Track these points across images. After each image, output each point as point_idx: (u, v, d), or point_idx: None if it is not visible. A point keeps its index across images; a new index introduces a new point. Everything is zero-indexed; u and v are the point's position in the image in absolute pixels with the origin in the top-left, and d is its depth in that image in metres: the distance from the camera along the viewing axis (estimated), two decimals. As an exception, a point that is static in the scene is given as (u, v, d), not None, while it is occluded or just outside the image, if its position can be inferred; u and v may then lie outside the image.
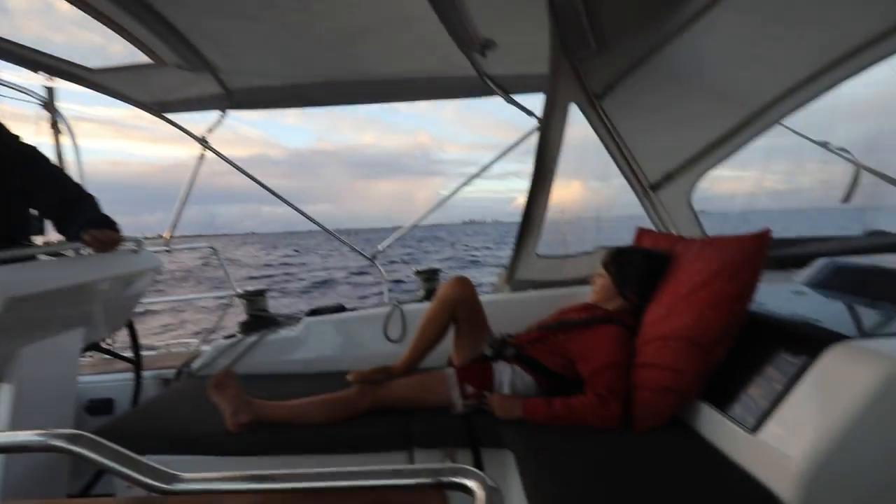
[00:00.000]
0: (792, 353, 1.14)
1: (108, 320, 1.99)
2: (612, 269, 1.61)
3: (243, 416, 1.49)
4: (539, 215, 2.11)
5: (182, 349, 3.09)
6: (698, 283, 1.34)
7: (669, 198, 2.28)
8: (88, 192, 1.82)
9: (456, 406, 1.54)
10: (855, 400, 0.93)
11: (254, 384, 1.98)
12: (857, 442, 0.93)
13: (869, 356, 0.98)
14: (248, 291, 2.57)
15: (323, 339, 2.22)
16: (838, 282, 1.63)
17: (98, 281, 1.74)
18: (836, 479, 0.94)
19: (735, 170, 2.48)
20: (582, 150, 2.21)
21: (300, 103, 2.70)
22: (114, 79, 2.21)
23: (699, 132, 2.22)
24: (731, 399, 1.23)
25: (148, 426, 1.63)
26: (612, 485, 1.08)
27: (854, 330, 1.17)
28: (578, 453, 1.23)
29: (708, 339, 1.28)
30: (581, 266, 2.23)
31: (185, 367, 2.24)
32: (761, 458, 1.07)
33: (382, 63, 2.26)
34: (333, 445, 1.49)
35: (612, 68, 1.98)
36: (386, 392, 1.57)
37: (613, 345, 1.45)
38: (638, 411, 1.35)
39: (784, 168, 2.57)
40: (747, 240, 1.31)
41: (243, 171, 2.94)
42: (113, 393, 2.36)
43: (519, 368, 1.59)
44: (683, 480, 1.08)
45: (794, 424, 1.03)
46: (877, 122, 2.35)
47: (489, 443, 1.44)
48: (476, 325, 1.71)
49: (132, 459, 0.54)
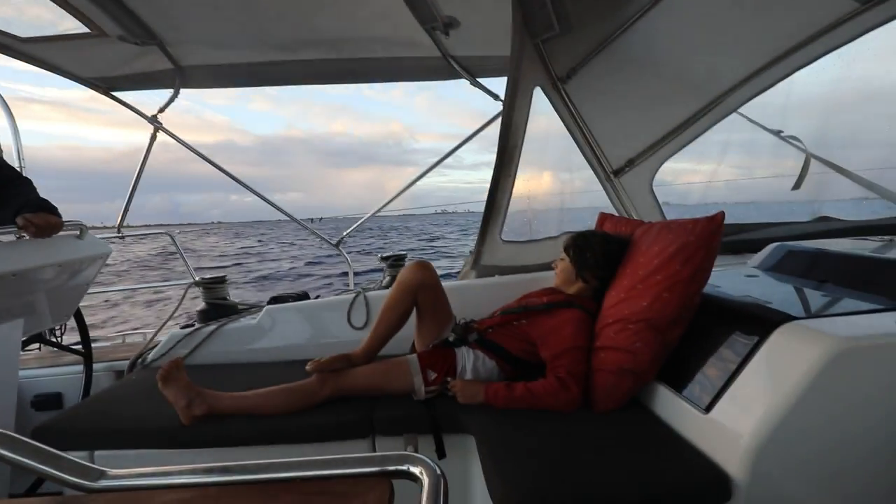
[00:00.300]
0: (743, 334, 1.18)
1: (53, 310, 1.88)
2: (571, 252, 1.62)
3: (197, 408, 1.44)
4: (503, 200, 2.10)
5: (138, 339, 2.97)
6: (655, 266, 1.36)
7: (631, 183, 2.31)
8: (24, 176, 1.70)
9: (418, 393, 1.53)
10: (800, 377, 0.97)
11: (213, 374, 1.92)
12: (801, 417, 0.97)
13: (814, 335, 1.02)
14: (206, 279, 2.47)
15: (285, 328, 2.16)
16: (788, 265, 1.69)
17: (37, 268, 1.63)
18: (781, 453, 0.98)
19: (696, 163, 2.57)
20: (545, 138, 2.21)
21: (258, 82, 2.58)
22: (49, 50, 2.05)
23: (661, 118, 2.26)
24: (686, 380, 1.26)
25: (98, 420, 1.55)
26: (569, 464, 1.10)
27: (802, 311, 1.21)
28: (538, 435, 1.25)
29: (664, 322, 1.31)
30: (546, 251, 2.25)
31: (138, 359, 2.15)
32: (713, 437, 1.10)
33: (342, 40, 2.18)
34: (294, 435, 1.46)
35: (576, 51, 1.97)
36: (348, 380, 1.54)
37: (573, 329, 1.46)
38: (597, 393, 1.37)
39: (742, 161, 2.68)
40: (702, 223, 1.33)
41: (201, 155, 2.81)
42: (62, 387, 2.24)
43: (482, 353, 1.59)
44: (638, 459, 1.11)
45: (743, 403, 1.06)
46: (826, 119, 2.46)
47: (451, 428, 1.44)
48: (439, 310, 1.70)
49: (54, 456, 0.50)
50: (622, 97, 2.21)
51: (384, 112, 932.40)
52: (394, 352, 1.75)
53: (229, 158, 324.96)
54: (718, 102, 2.20)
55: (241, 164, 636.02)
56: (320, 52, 2.28)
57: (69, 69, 2.25)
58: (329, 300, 2.25)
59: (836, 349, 0.96)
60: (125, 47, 2.02)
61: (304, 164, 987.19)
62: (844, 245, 1.77)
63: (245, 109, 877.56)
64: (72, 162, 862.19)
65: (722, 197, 2.72)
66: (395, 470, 0.50)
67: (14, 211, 1.57)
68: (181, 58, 2.21)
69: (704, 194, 2.67)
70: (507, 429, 1.29)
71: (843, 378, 0.97)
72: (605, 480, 1.03)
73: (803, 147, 2.45)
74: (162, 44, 2.05)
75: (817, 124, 2.49)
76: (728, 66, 2.13)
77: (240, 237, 45.47)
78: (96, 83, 2.41)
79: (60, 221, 1.65)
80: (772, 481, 0.99)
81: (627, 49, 1.98)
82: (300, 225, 3.30)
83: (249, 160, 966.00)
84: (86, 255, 1.84)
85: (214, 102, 71.81)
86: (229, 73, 2.42)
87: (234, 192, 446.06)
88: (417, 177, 3.00)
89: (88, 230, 1.88)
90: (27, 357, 2.43)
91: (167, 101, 2.55)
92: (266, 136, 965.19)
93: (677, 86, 2.19)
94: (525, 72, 1.92)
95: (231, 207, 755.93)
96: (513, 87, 1.90)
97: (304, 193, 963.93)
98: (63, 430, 1.50)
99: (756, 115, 2.45)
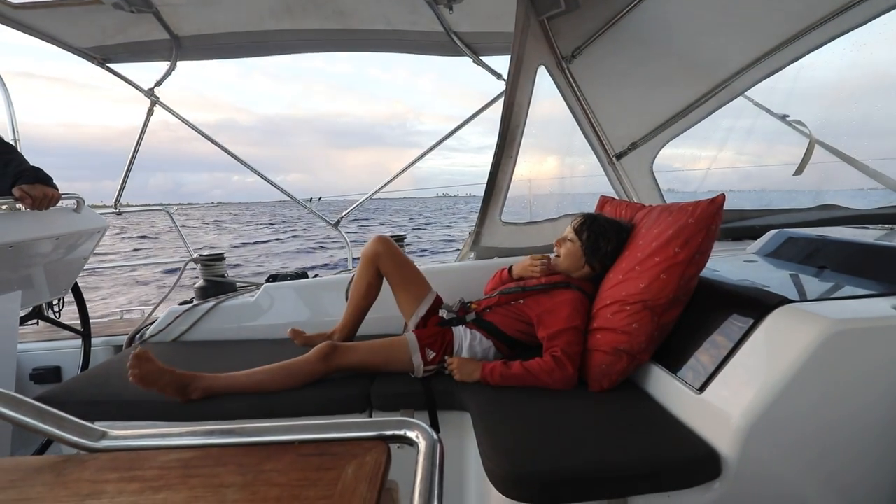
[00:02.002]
0: (739, 316, 1.18)
1: (50, 283, 1.88)
2: (584, 237, 1.57)
3: (193, 393, 1.43)
4: (504, 182, 2.09)
5: (136, 315, 2.98)
6: (654, 248, 1.36)
7: (632, 166, 2.30)
8: (12, 145, 1.68)
9: (417, 371, 1.54)
10: (794, 358, 0.98)
11: (211, 350, 1.94)
12: (793, 398, 0.98)
13: (809, 317, 1.02)
14: (204, 256, 2.47)
15: (283, 306, 2.17)
16: (788, 252, 1.69)
17: (35, 240, 1.62)
18: (772, 432, 1.00)
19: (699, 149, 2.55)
20: (548, 120, 2.19)
21: (257, 52, 2.53)
22: (41, 18, 2.00)
23: (665, 100, 2.23)
24: (681, 361, 1.27)
25: (97, 392, 1.56)
26: (563, 439, 1.11)
27: (798, 295, 1.21)
28: (532, 412, 1.26)
29: (661, 303, 1.31)
30: (545, 233, 2.24)
31: (137, 334, 2.16)
32: (705, 417, 1.11)
33: (345, 11, 2.13)
34: (291, 409, 1.47)
35: (582, 30, 1.94)
36: (346, 358, 1.54)
37: (570, 310, 1.47)
38: (592, 373, 1.39)
39: (745, 148, 2.65)
40: (702, 205, 1.32)
41: (199, 131, 2.78)
42: (61, 360, 2.26)
43: (479, 333, 1.60)
44: (631, 436, 1.12)
45: (737, 383, 1.07)
46: (833, 105, 2.43)
47: (447, 405, 1.46)
48: (409, 279, 1.76)
49: (56, 416, 0.50)
50: (627, 78, 2.17)
51: (389, 92, 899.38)
52: (389, 331, 1.77)
53: (231, 138, 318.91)
54: (725, 85, 2.17)
55: (243, 144, 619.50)
56: (321, 21, 2.23)
57: (62, 38, 2.20)
58: (327, 279, 2.25)
59: (830, 331, 0.97)
60: (120, 15, 1.97)
61: (306, 145, 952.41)
62: (844, 233, 1.77)
63: (247, 88, 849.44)
64: (71, 139, 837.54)
65: (727, 185, 2.70)
66: (392, 434, 0.50)
67: (10, 181, 1.55)
68: (178, 27, 2.16)
69: (704, 181, 2.66)
70: (503, 405, 1.31)
71: (836, 360, 0.98)
72: (599, 455, 1.05)
73: (808, 132, 2.43)
74: (158, 12, 2.00)
75: (824, 110, 2.46)
76: (736, 48, 2.09)
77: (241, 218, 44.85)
78: (91, 53, 2.36)
79: (58, 194, 1.64)
80: (762, 459, 1.01)
81: (634, 29, 1.95)
82: (301, 205, 3.29)
83: (251, 140, 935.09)
84: (83, 228, 1.83)
85: (216, 80, 68.98)
86: (228, 43, 2.37)
87: (237, 172, 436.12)
88: (417, 157, 2.98)
89: (86, 203, 1.86)
90: (26, 331, 2.44)
91: (164, 73, 2.50)
92: (268, 116, 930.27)
93: (684, 67, 2.16)
94: (529, 50, 1.89)
95: (233, 187, 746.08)
96: (516, 66, 1.86)
97: (306, 175, 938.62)
98: (62, 401, 1.51)
99: (762, 99, 2.42)
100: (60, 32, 2.16)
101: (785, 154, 2.61)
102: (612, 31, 1.92)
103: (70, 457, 0.51)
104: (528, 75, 1.95)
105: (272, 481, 0.46)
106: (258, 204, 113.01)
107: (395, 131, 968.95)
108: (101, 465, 0.49)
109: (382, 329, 1.90)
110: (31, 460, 0.51)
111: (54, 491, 0.46)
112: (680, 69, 2.18)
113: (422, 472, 0.44)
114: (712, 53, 2.14)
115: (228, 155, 2.89)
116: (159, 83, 2.52)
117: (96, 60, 2.41)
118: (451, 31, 2.21)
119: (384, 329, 1.90)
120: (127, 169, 2.75)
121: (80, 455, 0.50)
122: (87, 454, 0.50)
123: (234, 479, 0.46)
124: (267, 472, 0.47)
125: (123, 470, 0.48)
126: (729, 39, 2.08)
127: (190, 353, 1.91)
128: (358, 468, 0.47)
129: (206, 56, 2.50)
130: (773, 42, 2.02)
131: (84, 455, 0.50)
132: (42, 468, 0.49)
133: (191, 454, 0.50)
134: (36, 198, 1.56)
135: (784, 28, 1.97)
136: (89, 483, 0.46)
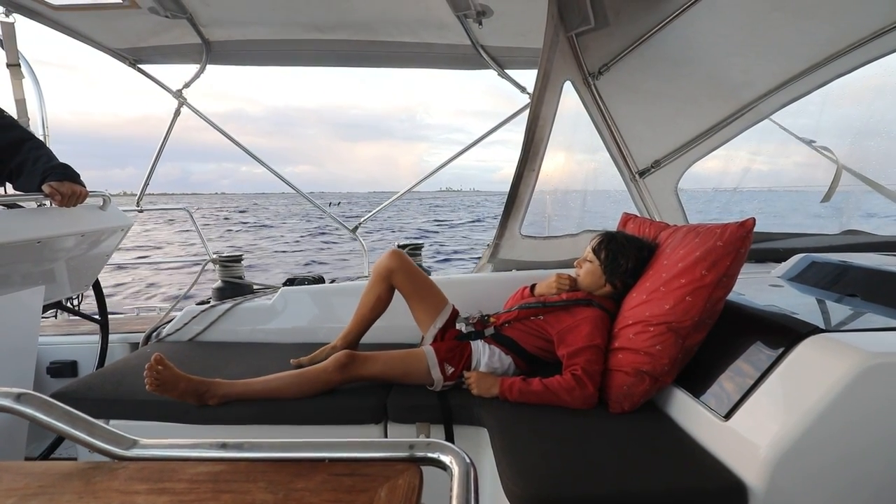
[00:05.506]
0: (767, 344, 1.15)
1: (73, 279, 1.90)
2: (603, 256, 1.56)
3: (210, 399, 1.44)
4: (526, 195, 2.08)
5: (152, 313, 3.00)
6: (680, 269, 1.33)
7: (656, 184, 2.27)
8: (40, 140, 1.71)
9: (437, 385, 1.53)
10: (826, 390, 0.95)
11: (226, 352, 1.94)
12: (825, 432, 0.95)
13: (842, 348, 0.99)
14: (223, 257, 2.49)
15: (299, 310, 2.17)
16: (814, 277, 1.65)
17: (61, 237, 1.65)
18: (801, 464, 0.96)
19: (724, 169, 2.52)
20: (573, 127, 2.18)
21: (285, 62, 2.57)
22: (79, 19, 2.05)
23: (691, 120, 2.21)
24: (705, 386, 1.24)
25: (114, 390, 1.57)
26: (582, 463, 1.09)
27: (828, 323, 1.18)
28: (551, 431, 1.24)
29: (685, 325, 1.28)
30: (565, 248, 2.22)
31: (154, 332, 2.17)
32: (731, 445, 1.08)
33: (373, 23, 2.15)
34: (308, 416, 1.46)
35: (610, 47, 1.93)
36: (364, 369, 1.52)
37: (591, 328, 1.44)
38: (613, 393, 1.36)
39: (765, 149, 2.60)
40: (731, 228, 1.30)
41: (220, 130, 2.81)
42: (77, 355, 2.28)
43: (498, 349, 1.58)
44: (653, 460, 1.10)
45: (765, 412, 1.04)
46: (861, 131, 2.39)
47: (463, 420, 1.44)
48: (424, 293, 1.74)
49: (88, 423, 0.50)
50: (653, 96, 2.16)
51: (398, 84, 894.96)
52: (401, 340, 1.78)
53: (240, 129, 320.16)
54: (751, 107, 2.15)
55: (252, 135, 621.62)
56: (350, 33, 2.26)
57: (98, 39, 2.26)
58: (343, 285, 2.25)
59: (865, 364, 0.94)
60: (155, 20, 2.02)
61: (314, 136, 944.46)
62: (872, 260, 1.72)
63: (256, 78, 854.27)
64: (80, 126, 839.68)
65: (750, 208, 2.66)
66: (423, 457, 0.49)
67: (39, 178, 1.58)
68: (210, 33, 2.21)
69: (729, 200, 2.62)
70: (522, 423, 1.28)
71: (870, 393, 0.95)
72: (621, 480, 1.02)
73: (835, 159, 2.39)
74: (192, 17, 2.05)
75: (851, 136, 2.42)
76: (764, 70, 2.07)
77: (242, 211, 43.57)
78: (123, 54, 2.41)
79: (86, 191, 1.66)
80: (789, 491, 0.98)
81: (662, 47, 1.94)
82: (320, 209, 3.31)
83: (260, 130, 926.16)
84: (108, 226, 1.85)
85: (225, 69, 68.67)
86: (257, 50, 2.41)
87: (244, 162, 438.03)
88: (445, 162, 2.99)
89: (111, 201, 1.89)
90: (44, 324, 2.47)
91: (193, 76, 2.55)
92: (277, 107, 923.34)
93: (710, 88, 2.14)
94: (556, 65, 1.89)
95: (240, 178, 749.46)
96: (543, 80, 1.86)
97: (314, 167, 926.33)
98: (79, 398, 1.52)
99: (788, 124, 2.39)
100: (97, 34, 2.21)
101: (809, 178, 2.56)
102: (640, 49, 1.92)
103: (99, 464, 0.50)
104: (554, 90, 1.95)
105: (304, 501, 0.45)
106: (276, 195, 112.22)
107: (404, 124, 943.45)
108: (130, 474, 0.49)
109: (394, 338, 1.89)
110: (60, 465, 0.51)
111: (84, 499, 0.45)
112: (706, 89, 2.16)
113: (457, 500, 0.43)
114: (739, 75, 2.12)
115: (245, 152, 2.90)
116: (187, 85, 2.57)
117: (128, 61, 2.47)
118: (478, 45, 2.22)
119: (396, 338, 1.89)
120: (151, 168, 2.79)
121: (110, 463, 0.50)
122: (116, 462, 0.50)
123: (265, 497, 0.45)
124: (299, 490, 0.46)
125: (153, 481, 0.47)
126: (757, 61, 2.06)
127: (205, 354, 1.92)
128: (391, 491, 0.46)
129: (234, 61, 2.54)
130: (801, 65, 2.00)
131: (113, 463, 0.50)
132: (71, 475, 0.49)
133: (220, 467, 0.49)
134: (65, 195, 1.58)
135: (813, 52, 1.95)
136: (119, 493, 0.46)
